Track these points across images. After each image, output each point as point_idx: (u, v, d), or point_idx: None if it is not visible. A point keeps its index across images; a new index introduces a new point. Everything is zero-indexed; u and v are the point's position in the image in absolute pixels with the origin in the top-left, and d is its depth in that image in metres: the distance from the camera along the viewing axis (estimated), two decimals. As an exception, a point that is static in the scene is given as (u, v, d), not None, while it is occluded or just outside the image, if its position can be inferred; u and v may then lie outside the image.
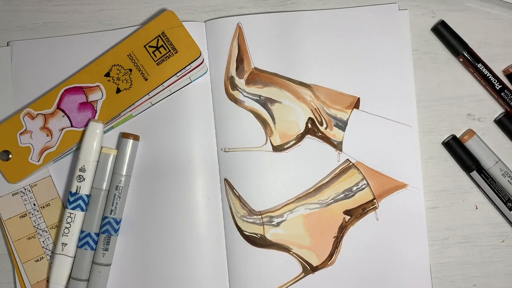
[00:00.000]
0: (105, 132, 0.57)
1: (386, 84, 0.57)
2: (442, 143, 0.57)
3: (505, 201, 0.56)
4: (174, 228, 0.56)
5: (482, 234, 0.57)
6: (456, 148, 0.57)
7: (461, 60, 0.57)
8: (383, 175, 0.57)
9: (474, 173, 0.56)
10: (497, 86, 0.56)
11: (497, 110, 0.58)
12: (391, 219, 0.56)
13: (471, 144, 0.57)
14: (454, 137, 0.57)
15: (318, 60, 0.57)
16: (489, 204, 0.57)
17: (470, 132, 0.57)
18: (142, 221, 0.57)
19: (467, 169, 0.56)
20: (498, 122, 0.57)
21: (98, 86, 0.56)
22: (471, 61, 0.57)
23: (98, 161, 0.55)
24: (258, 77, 0.58)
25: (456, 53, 0.57)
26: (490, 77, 0.56)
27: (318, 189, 0.57)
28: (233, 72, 0.57)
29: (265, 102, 0.57)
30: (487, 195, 0.56)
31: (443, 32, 0.57)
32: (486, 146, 0.57)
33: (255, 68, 0.58)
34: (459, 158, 0.57)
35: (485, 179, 0.56)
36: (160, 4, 0.59)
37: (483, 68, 0.56)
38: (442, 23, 0.57)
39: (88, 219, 0.55)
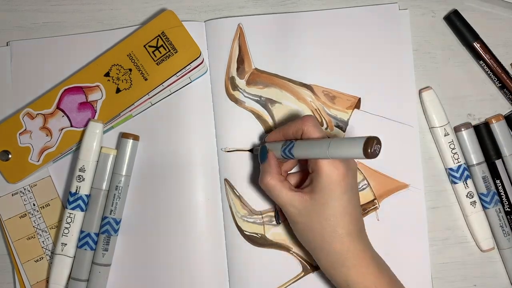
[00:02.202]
0: (105, 132, 0.57)
1: (386, 84, 0.57)
2: (474, 126, 0.57)
3: None
4: (174, 228, 0.56)
5: (483, 234, 0.57)
6: (485, 134, 0.57)
7: (478, 45, 0.57)
8: (384, 176, 0.57)
9: (500, 161, 0.56)
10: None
11: (498, 110, 0.58)
12: (392, 219, 0.56)
13: (496, 129, 0.56)
14: (486, 123, 0.57)
15: (318, 61, 0.57)
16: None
17: (498, 116, 0.57)
18: (142, 221, 0.56)
19: (489, 157, 0.56)
20: (507, 118, 0.57)
21: (98, 86, 0.55)
22: (486, 48, 0.56)
23: (97, 161, 0.55)
24: (258, 77, 0.57)
25: (467, 42, 0.57)
26: (504, 66, 0.57)
27: (318, 189, 0.57)
28: (233, 72, 0.57)
29: (266, 103, 0.57)
30: (503, 185, 0.56)
31: (455, 21, 0.57)
32: (510, 134, 0.57)
33: (256, 68, 0.58)
34: (485, 145, 0.57)
35: (506, 168, 0.56)
36: (160, 4, 0.59)
37: (496, 56, 0.57)
38: (455, 12, 0.57)
39: (87, 219, 0.55)
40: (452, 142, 0.56)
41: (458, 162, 0.56)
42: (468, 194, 0.56)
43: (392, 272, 0.50)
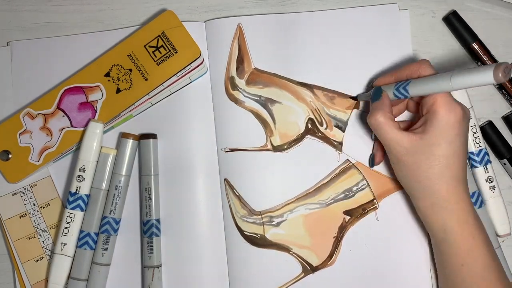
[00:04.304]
0: (105, 132, 0.57)
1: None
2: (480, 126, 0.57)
3: None
4: (174, 228, 0.56)
5: (482, 234, 0.57)
6: (492, 134, 0.57)
7: (477, 47, 0.57)
8: (383, 175, 0.57)
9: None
10: None
11: (497, 110, 0.58)
12: (391, 219, 0.56)
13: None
14: (490, 122, 0.57)
15: (318, 61, 0.57)
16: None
17: None
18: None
19: (502, 155, 0.57)
20: (506, 119, 0.58)
21: (98, 86, 0.56)
22: (484, 49, 0.56)
23: (97, 161, 0.55)
24: (258, 77, 0.58)
25: (466, 43, 0.57)
26: None
27: (318, 189, 0.57)
28: (233, 72, 0.57)
29: (265, 103, 0.57)
30: None
31: (454, 22, 0.57)
32: None
33: (256, 68, 0.58)
34: (495, 143, 0.57)
35: None
36: (160, 4, 0.59)
37: (495, 57, 0.56)
38: (454, 13, 0.57)
39: (87, 219, 0.55)
40: (474, 126, 0.56)
41: (480, 146, 0.56)
42: (488, 179, 0.56)
43: (484, 227, 0.50)
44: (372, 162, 0.56)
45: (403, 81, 0.50)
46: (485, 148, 0.56)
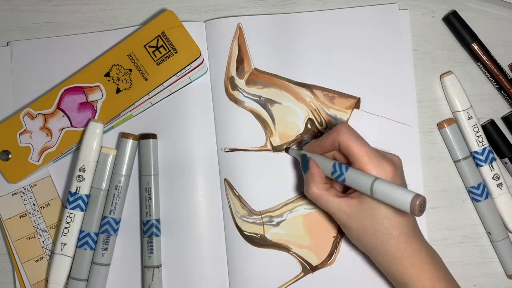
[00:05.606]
0: (105, 132, 0.57)
1: (386, 84, 0.57)
2: (482, 125, 0.57)
3: None
4: (174, 228, 0.56)
5: (482, 234, 0.57)
6: (493, 133, 0.57)
7: (476, 47, 0.57)
8: (383, 175, 0.57)
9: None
10: (509, 76, 0.57)
11: (497, 110, 0.58)
12: (391, 219, 0.56)
13: (448, 132, 0.57)
14: (492, 121, 0.58)
15: (318, 61, 0.57)
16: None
17: (449, 120, 0.57)
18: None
19: (503, 155, 0.57)
20: (505, 119, 0.58)
21: (98, 86, 0.56)
22: (484, 49, 0.56)
23: (97, 161, 0.55)
24: (258, 77, 0.58)
25: (465, 44, 0.57)
26: (502, 67, 0.57)
27: (318, 189, 0.57)
28: (233, 72, 0.57)
29: (265, 103, 0.57)
30: None
31: (454, 22, 0.57)
32: (462, 137, 0.57)
33: (255, 68, 0.58)
34: (496, 142, 0.57)
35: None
36: (160, 4, 0.59)
37: (494, 58, 0.57)
38: (454, 13, 0.57)
39: (87, 219, 0.55)
40: (475, 125, 0.56)
41: (483, 145, 0.56)
42: (494, 176, 0.56)
43: (446, 268, 0.50)
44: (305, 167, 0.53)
45: (338, 170, 0.48)
46: (489, 146, 0.56)
